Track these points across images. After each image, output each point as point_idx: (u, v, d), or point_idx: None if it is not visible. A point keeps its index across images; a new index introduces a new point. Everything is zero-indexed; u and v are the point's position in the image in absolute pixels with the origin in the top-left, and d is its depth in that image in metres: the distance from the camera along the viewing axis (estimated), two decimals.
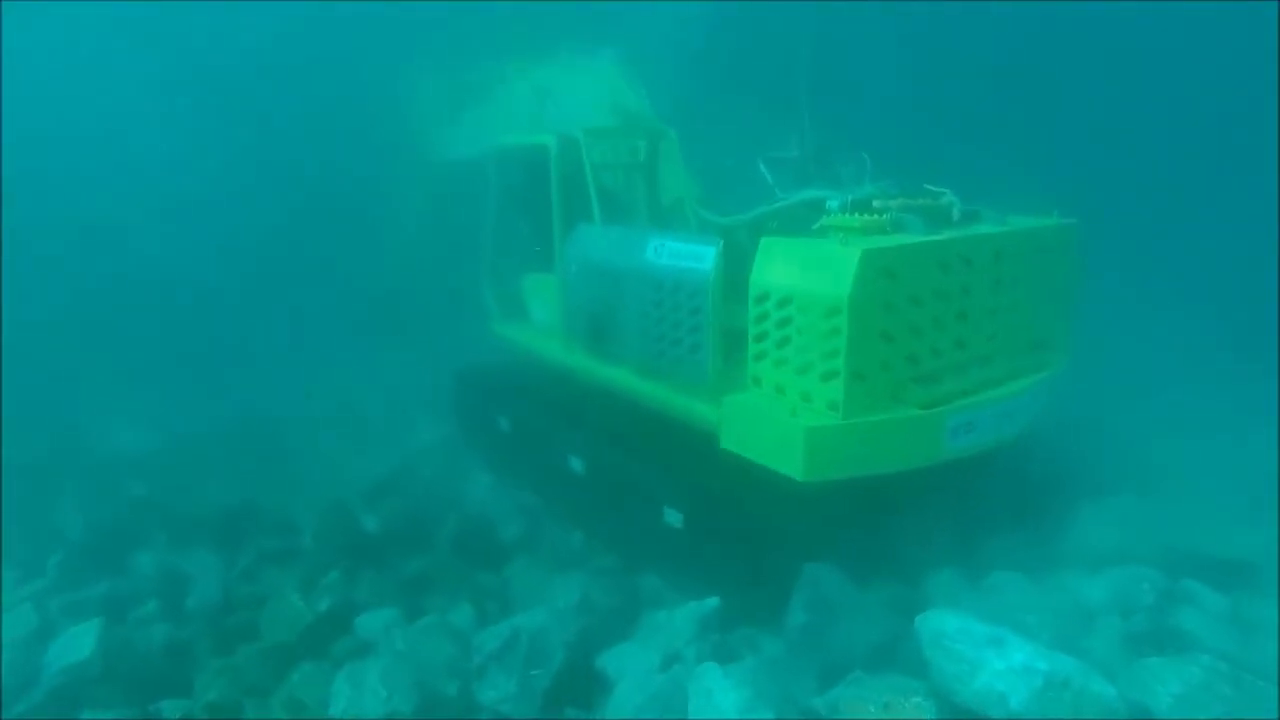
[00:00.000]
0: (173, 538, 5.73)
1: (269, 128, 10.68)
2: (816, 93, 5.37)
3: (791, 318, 3.92)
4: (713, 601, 4.50)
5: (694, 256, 4.51)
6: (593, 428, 5.56)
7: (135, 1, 11.14)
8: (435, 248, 7.97)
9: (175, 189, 11.06)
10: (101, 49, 11.74)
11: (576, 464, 5.64)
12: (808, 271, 3.86)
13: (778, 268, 4.02)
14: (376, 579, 5.11)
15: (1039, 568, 4.16)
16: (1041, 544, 4.46)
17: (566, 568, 5.27)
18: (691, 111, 5.86)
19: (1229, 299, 7.57)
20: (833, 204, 4.28)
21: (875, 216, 4.05)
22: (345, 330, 9.09)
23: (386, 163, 8.49)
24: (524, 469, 6.33)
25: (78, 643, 4.57)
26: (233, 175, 10.80)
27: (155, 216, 10.86)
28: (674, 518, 4.87)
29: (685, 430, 4.98)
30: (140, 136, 11.52)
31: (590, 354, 5.59)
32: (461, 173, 7.20)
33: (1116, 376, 6.14)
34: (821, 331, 3.77)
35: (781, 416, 3.93)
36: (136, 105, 11.85)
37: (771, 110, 5.62)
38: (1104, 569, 3.96)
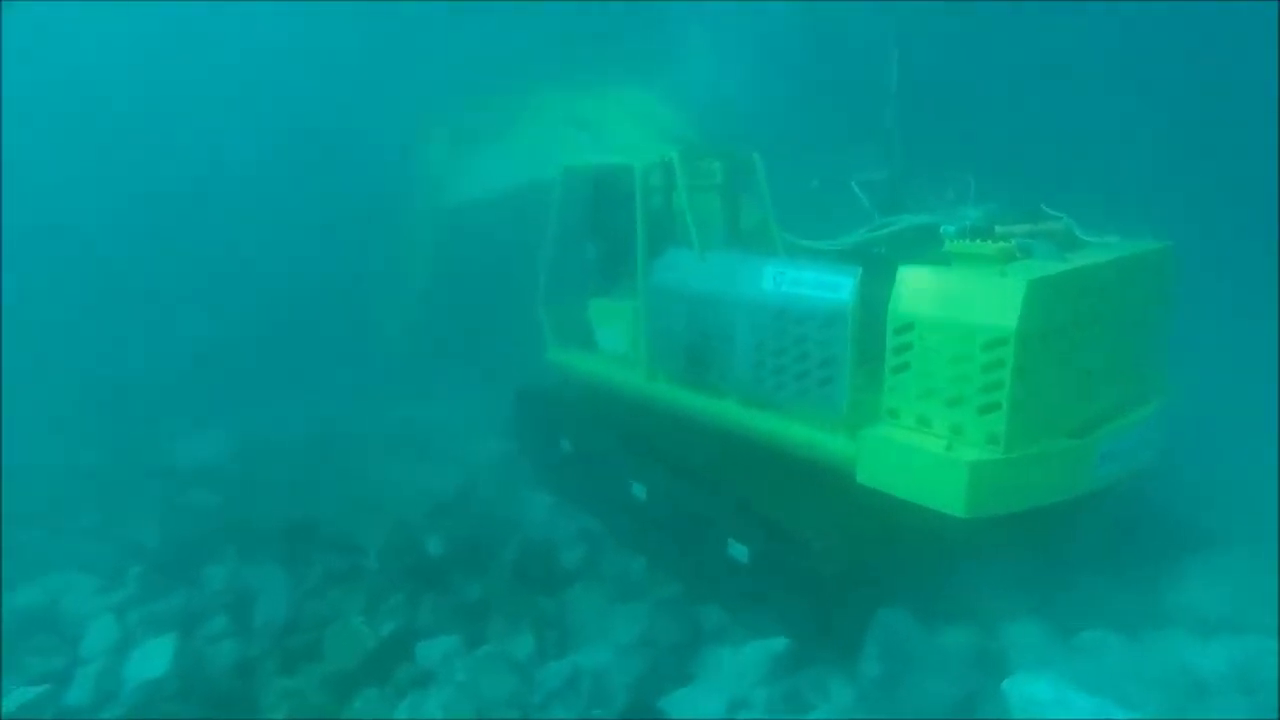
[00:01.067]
0: (242, 552, 5.84)
1: (334, 149, 10.96)
2: (905, 110, 5.11)
3: (941, 348, 3.79)
4: (780, 642, 4.35)
5: (827, 286, 4.35)
6: (659, 455, 5.44)
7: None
8: (481, 274, 8.04)
9: (248, 204, 11.47)
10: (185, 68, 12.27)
11: (639, 490, 5.54)
12: (961, 302, 3.74)
13: (922, 297, 3.89)
14: (438, 603, 5.10)
15: (1137, 626, 3.84)
16: (1138, 598, 4.12)
17: (628, 597, 5.17)
18: (751, 135, 5.69)
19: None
20: (949, 229, 4.12)
21: (1004, 243, 3.91)
22: (410, 346, 9.17)
23: (440, 186, 8.52)
24: (585, 492, 6.25)
25: (154, 658, 4.71)
26: (304, 193, 11.13)
27: (230, 231, 11.28)
28: (740, 552, 4.72)
29: (757, 464, 4.85)
30: (214, 151, 12.00)
31: (680, 384, 5.42)
32: (508, 201, 7.22)
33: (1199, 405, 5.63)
34: (981, 363, 3.65)
35: (937, 451, 3.78)
36: (215, 115, 12.37)
37: (854, 130, 5.39)
38: (1218, 635, 3.61)
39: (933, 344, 3.82)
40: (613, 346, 6.02)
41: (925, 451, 3.83)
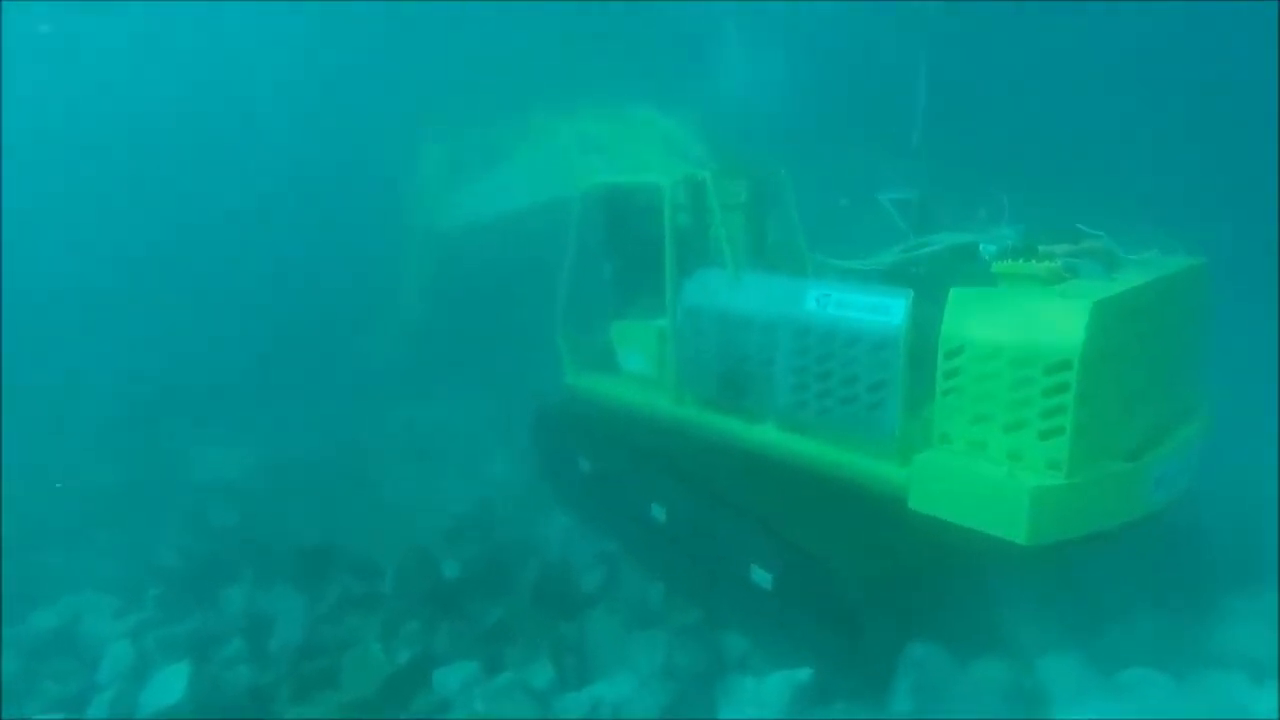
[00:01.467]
0: (259, 574, 5.80)
1: (347, 168, 11.02)
2: (932, 127, 4.99)
3: (998, 372, 3.69)
4: (804, 673, 4.22)
5: (877, 308, 4.25)
6: (680, 477, 5.32)
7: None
8: (496, 293, 8.00)
9: (267, 223, 11.53)
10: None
11: (659, 512, 5.42)
12: (1020, 324, 3.66)
13: (975, 319, 3.80)
14: (455, 628, 5.03)
15: (1183, 665, 3.66)
16: (1182, 635, 3.94)
17: (647, 624, 5.05)
18: (771, 152, 5.59)
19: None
20: (990, 249, 4.03)
21: (1051, 263, 3.81)
22: (424, 363, 9.13)
23: (451, 208, 8.48)
24: (604, 513, 6.15)
25: (170, 685, 4.65)
26: (322, 212, 11.19)
27: (249, 250, 11.35)
28: (763, 578, 4.59)
29: (785, 488, 4.73)
30: (222, 161, 12.10)
31: (712, 408, 5.30)
32: (520, 222, 7.19)
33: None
34: (1042, 387, 3.56)
35: (998, 476, 3.68)
36: (226, 128, 12.50)
37: (880, 147, 5.27)
38: (1271, 677, 3.43)
39: (989, 367, 3.72)
40: (637, 368, 5.90)
41: (985, 477, 3.71)
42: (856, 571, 4.12)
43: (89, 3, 12.32)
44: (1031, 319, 3.61)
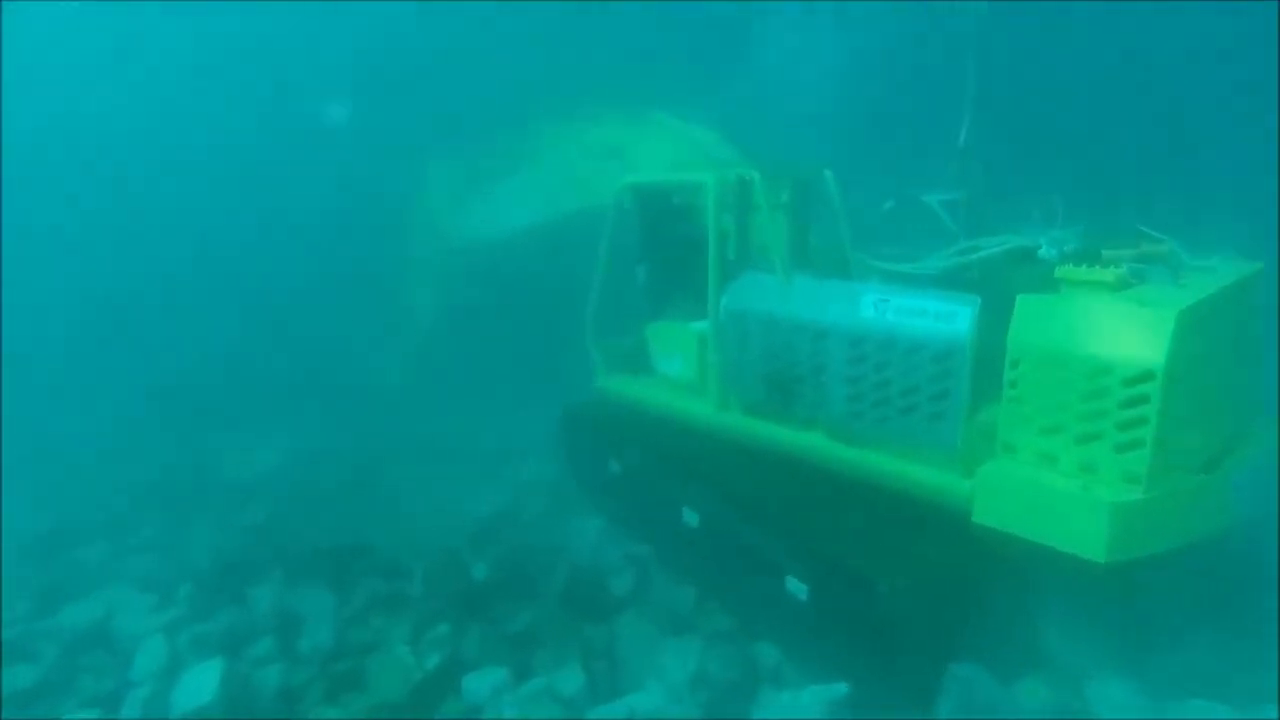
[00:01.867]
0: (288, 573, 5.80)
1: (386, 176, 11.01)
2: (980, 127, 4.82)
3: (1071, 382, 3.56)
4: (841, 688, 4.11)
5: (940, 315, 4.09)
6: (715, 482, 5.22)
7: None
8: (519, 295, 7.99)
9: (298, 225, 11.60)
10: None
11: (690, 517, 5.33)
12: (1095, 333, 3.52)
13: (1045, 327, 3.66)
14: (484, 632, 4.98)
15: (1245, 697, 3.49)
16: (1243, 662, 3.76)
17: (679, 630, 4.98)
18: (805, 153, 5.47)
19: None
20: (1050, 253, 3.89)
21: (1116, 269, 3.66)
22: (455, 366, 9.11)
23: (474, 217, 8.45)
24: (634, 515, 6.07)
25: (201, 684, 4.66)
26: (357, 216, 11.21)
27: (281, 249, 11.43)
28: (798, 589, 4.48)
29: (826, 497, 4.64)
30: (273, 169, 12.19)
31: (758, 415, 5.18)
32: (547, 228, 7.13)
33: None
34: (1119, 399, 3.43)
35: (1073, 491, 3.55)
36: (274, 138, 12.60)
37: (925, 147, 5.11)
38: None
39: (1060, 377, 3.57)
40: (674, 372, 5.79)
41: (1058, 491, 3.57)
42: (894, 585, 3.99)
43: (91, 3, 12.43)
44: (1107, 327, 3.47)
